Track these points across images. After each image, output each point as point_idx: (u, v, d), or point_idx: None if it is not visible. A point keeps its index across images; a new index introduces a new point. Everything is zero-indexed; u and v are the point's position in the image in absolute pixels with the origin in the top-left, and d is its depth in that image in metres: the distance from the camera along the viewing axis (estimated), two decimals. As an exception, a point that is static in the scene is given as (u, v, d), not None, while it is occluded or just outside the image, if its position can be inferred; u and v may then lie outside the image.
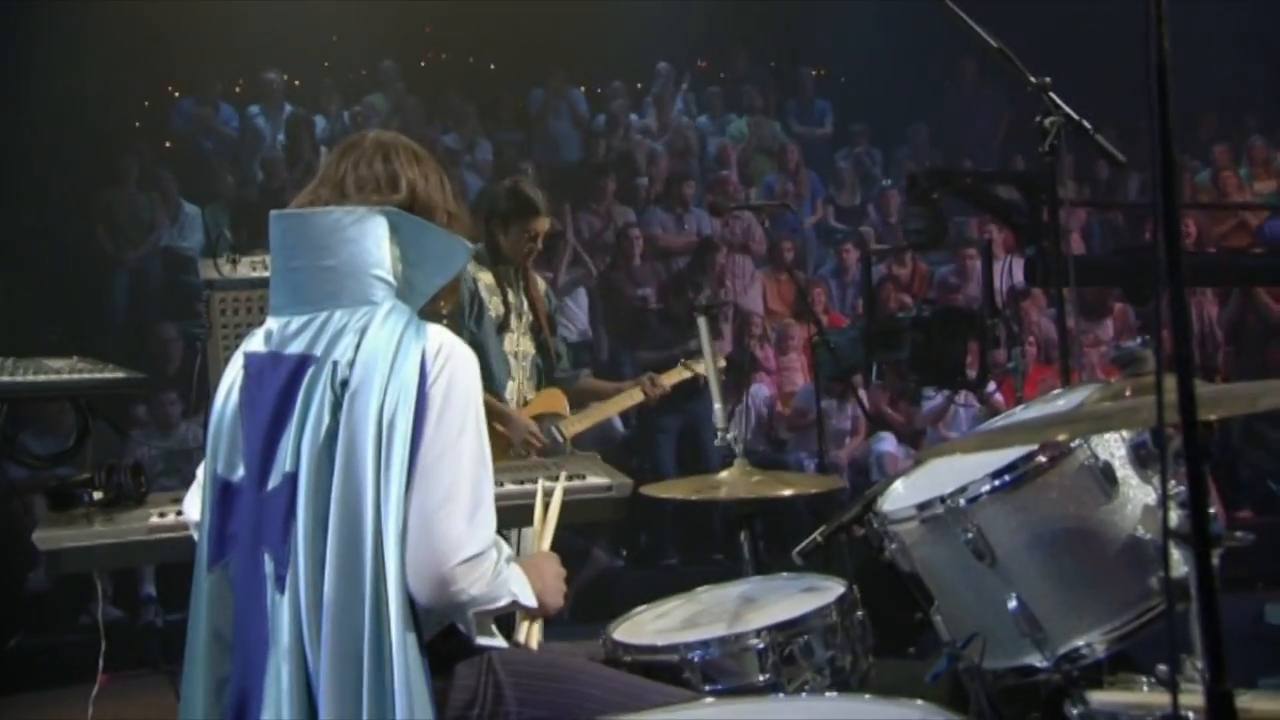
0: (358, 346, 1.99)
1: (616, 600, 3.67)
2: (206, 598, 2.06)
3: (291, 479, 1.97)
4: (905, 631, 3.24)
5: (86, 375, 2.96)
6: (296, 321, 2.06)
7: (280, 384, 2.03)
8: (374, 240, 2.06)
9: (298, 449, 1.97)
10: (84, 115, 8.37)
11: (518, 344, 4.35)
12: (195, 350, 3.17)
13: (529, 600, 2.09)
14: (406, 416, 1.93)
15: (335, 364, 1.99)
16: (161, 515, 2.78)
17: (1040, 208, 3.43)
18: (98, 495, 2.83)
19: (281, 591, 1.96)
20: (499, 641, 2.12)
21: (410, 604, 1.93)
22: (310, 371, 2.00)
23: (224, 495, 2.07)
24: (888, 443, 7.34)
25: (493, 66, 10.32)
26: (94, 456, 3.18)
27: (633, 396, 4.57)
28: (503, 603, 2.03)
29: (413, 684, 1.89)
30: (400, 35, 9.67)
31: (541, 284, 4.53)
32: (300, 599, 1.93)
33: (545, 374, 4.45)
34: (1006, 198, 3.82)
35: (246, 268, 3.08)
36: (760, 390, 7.51)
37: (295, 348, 2.05)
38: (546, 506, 2.50)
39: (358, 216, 2.07)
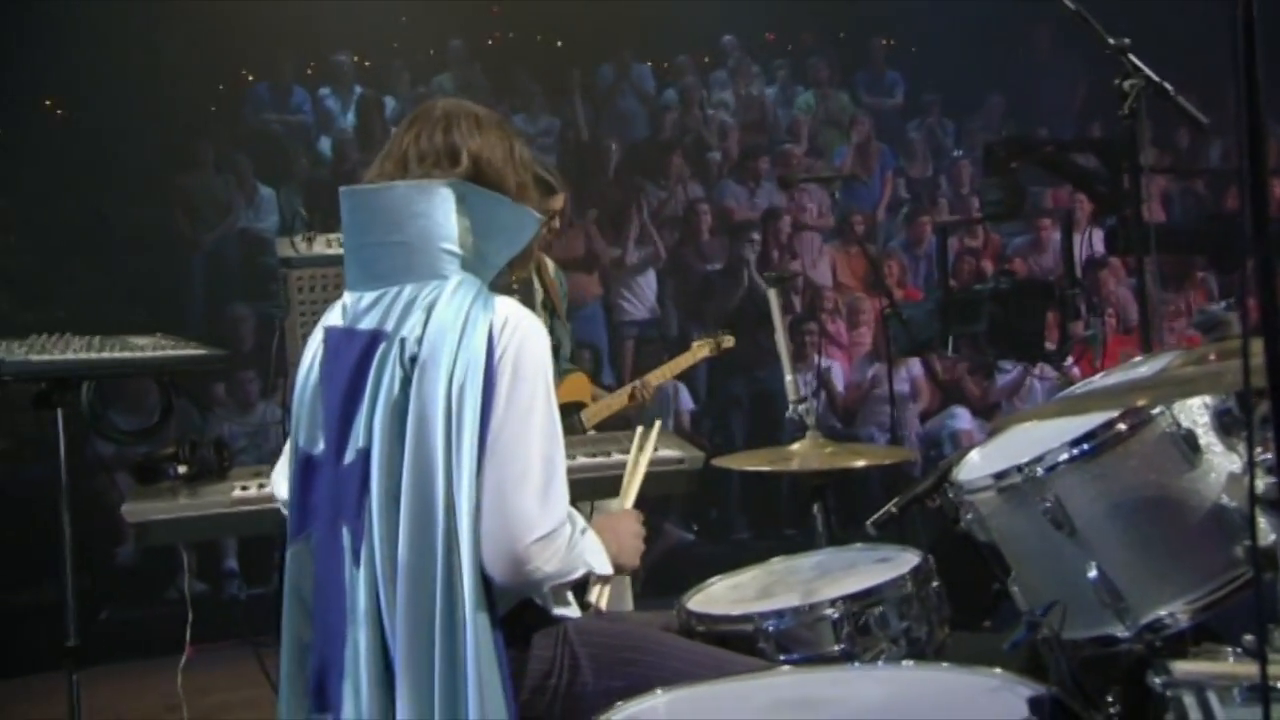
0: (426, 321, 2.00)
1: (689, 575, 3.68)
2: (291, 568, 2.10)
3: (365, 454, 2.00)
4: (982, 604, 3.22)
5: (170, 352, 3.02)
6: (369, 297, 2.09)
7: (354, 359, 2.06)
8: (442, 213, 2.06)
9: (370, 424, 2.00)
10: (160, 101, 8.50)
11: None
12: (271, 330, 3.21)
13: (604, 568, 2.11)
14: (475, 390, 1.94)
15: (404, 340, 2.00)
16: (244, 488, 2.84)
17: (1120, 175, 3.37)
18: (182, 469, 2.90)
19: (357, 565, 1.99)
20: (574, 611, 2.14)
21: (484, 578, 1.95)
22: (381, 347, 2.02)
23: (306, 468, 2.10)
24: (962, 419, 7.28)
25: (560, 44, 10.32)
26: (177, 433, 3.26)
27: (620, 401, 4.41)
28: (578, 574, 2.05)
29: (482, 658, 1.90)
30: (468, 15, 9.71)
31: (551, 265, 4.37)
32: (376, 572, 1.96)
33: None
34: (1085, 166, 3.75)
35: (322, 245, 3.12)
36: (831, 364, 7.47)
37: (367, 323, 2.07)
38: (641, 449, 2.51)
39: (424, 190, 2.07)
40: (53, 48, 8.07)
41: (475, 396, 1.94)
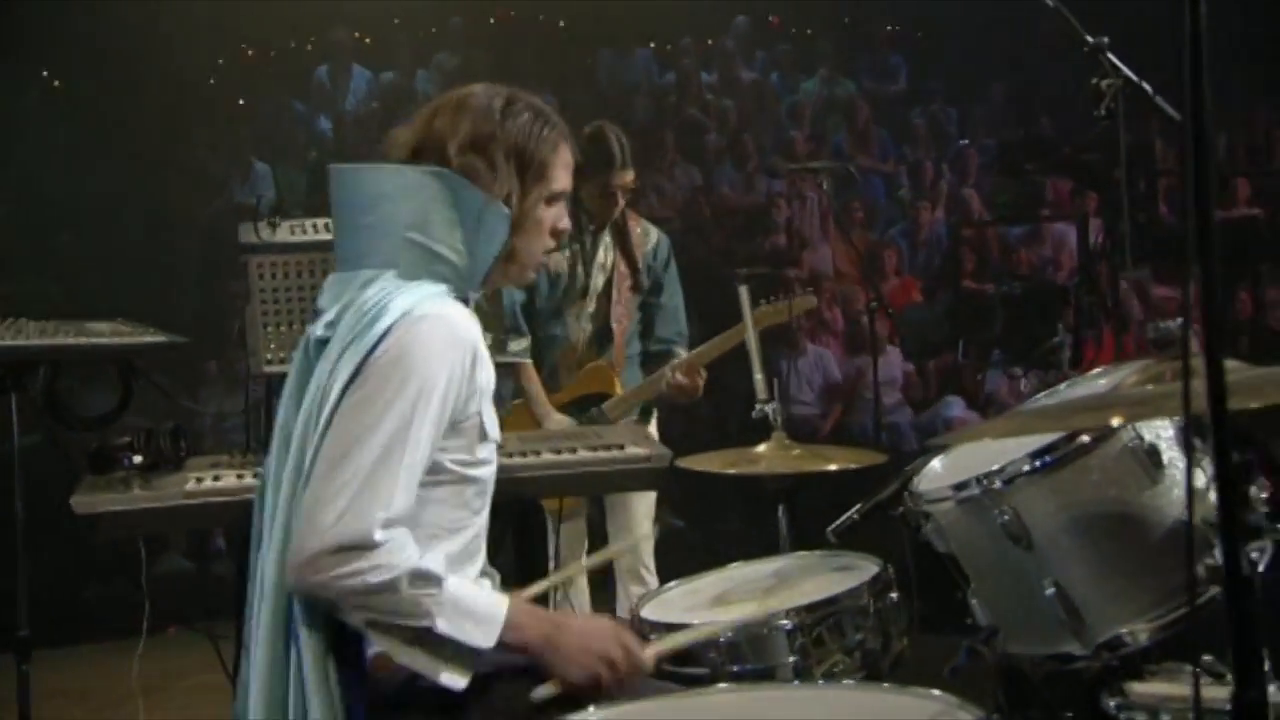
0: (342, 304, 1.92)
1: (677, 560, 3.63)
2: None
3: (278, 432, 1.96)
4: (959, 606, 3.17)
5: (127, 339, 2.97)
6: (336, 277, 2.02)
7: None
8: (416, 200, 1.94)
9: (285, 406, 1.95)
10: (157, 75, 8.44)
11: (579, 321, 3.98)
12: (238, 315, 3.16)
13: (478, 640, 1.83)
14: (341, 381, 1.84)
15: (323, 320, 1.93)
16: (199, 480, 2.78)
17: (1137, 178, 3.28)
18: (138, 459, 2.84)
19: (259, 548, 1.93)
20: (457, 682, 1.85)
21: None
22: (310, 329, 1.96)
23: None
24: (956, 407, 7.22)
25: (562, 24, 10.23)
26: (157, 419, 3.21)
27: (651, 390, 3.96)
28: (405, 620, 1.81)
29: (310, 669, 1.81)
30: (470, -8, 9.64)
31: (653, 235, 4.06)
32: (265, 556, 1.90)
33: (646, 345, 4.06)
34: (1097, 168, 3.67)
35: (285, 232, 3.06)
36: (824, 354, 7.41)
37: (323, 301, 2.00)
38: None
39: (399, 174, 1.97)
40: (49, 20, 8.01)
41: (339, 388, 1.83)
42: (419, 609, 1.81)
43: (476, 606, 1.85)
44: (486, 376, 1.98)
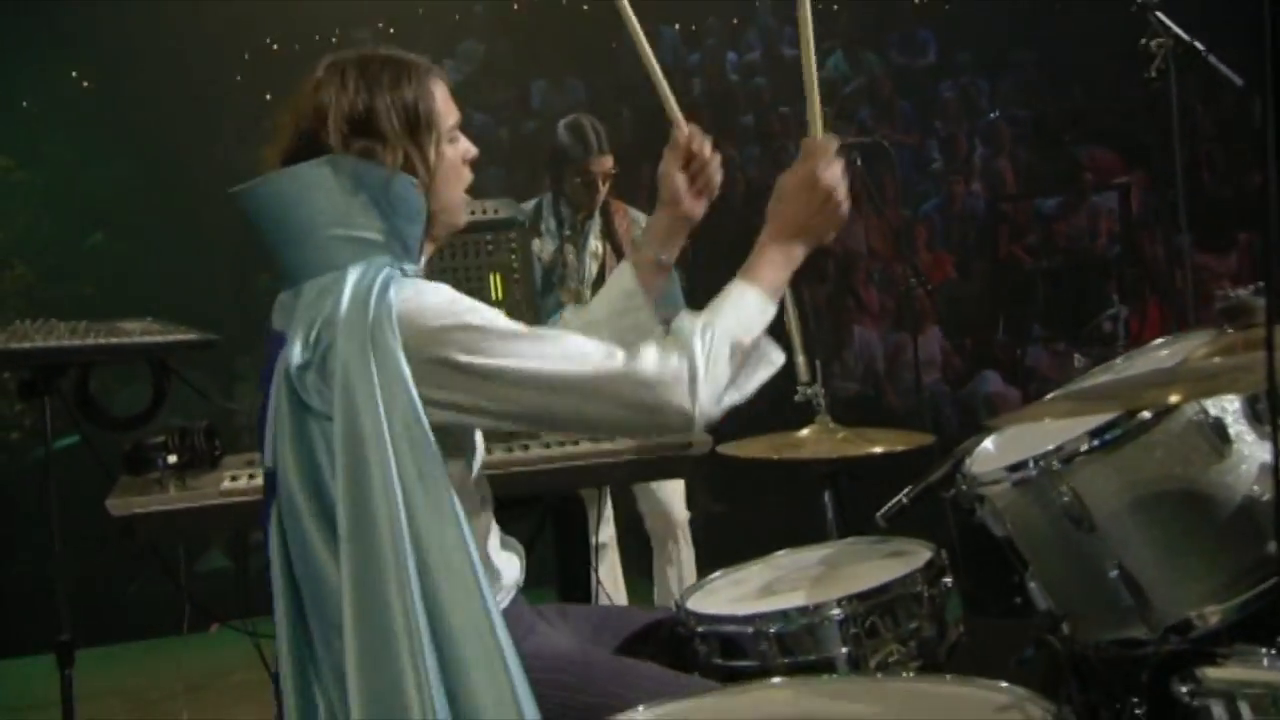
0: (309, 323, 1.81)
1: (721, 548, 3.58)
2: None
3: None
4: (1009, 588, 3.10)
5: (159, 337, 2.94)
6: (284, 295, 1.93)
7: (270, 363, 1.89)
8: (322, 197, 1.84)
9: (273, 438, 1.86)
10: (184, 71, 8.45)
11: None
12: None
13: (769, 314, 1.91)
14: (404, 383, 1.77)
15: (296, 346, 1.81)
16: (234, 479, 2.75)
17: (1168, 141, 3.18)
18: (172, 459, 2.81)
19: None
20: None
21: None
22: (280, 353, 1.85)
23: None
24: (993, 382, 7.10)
25: (585, 7, 10.14)
26: (191, 417, 3.17)
27: None
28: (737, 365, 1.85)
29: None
30: (494, -22, 9.59)
31: (641, 220, 4.08)
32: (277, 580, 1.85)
33: None
34: (1137, 138, 3.56)
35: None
36: (864, 333, 7.32)
37: (279, 322, 1.91)
38: None
39: (294, 177, 1.86)
40: (79, 21, 8.02)
41: (406, 389, 1.75)
42: (734, 346, 1.84)
43: (729, 308, 1.89)
44: None
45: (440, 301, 1.83)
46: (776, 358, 1.93)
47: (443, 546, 1.76)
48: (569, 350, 1.81)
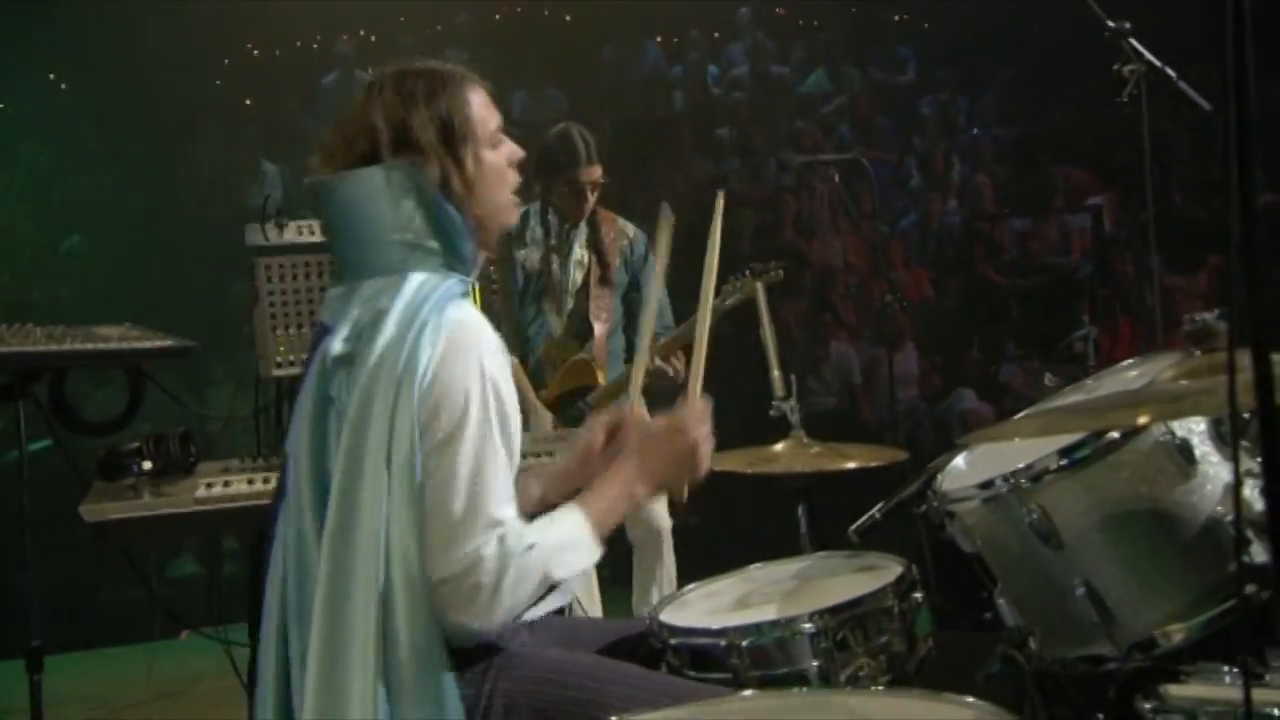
0: (362, 320, 1.88)
1: (695, 561, 3.59)
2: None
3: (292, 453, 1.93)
4: (978, 603, 3.13)
5: (135, 344, 2.93)
6: (339, 290, 1.98)
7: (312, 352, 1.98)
8: (386, 202, 1.90)
9: (298, 422, 1.91)
10: (163, 75, 8.42)
11: (560, 317, 4.04)
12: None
13: (585, 561, 1.91)
14: (409, 409, 1.81)
15: (338, 338, 1.89)
16: (209, 486, 2.74)
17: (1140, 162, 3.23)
18: (147, 465, 2.80)
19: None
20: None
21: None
22: (323, 343, 1.92)
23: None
24: (967, 399, 7.14)
25: (568, 18, 10.18)
26: (166, 423, 3.16)
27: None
28: (534, 598, 1.86)
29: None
30: (475, -12, 9.61)
31: (630, 232, 4.09)
32: (287, 569, 1.87)
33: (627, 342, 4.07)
34: (1114, 158, 3.62)
35: (293, 233, 3.01)
36: (840, 348, 7.34)
37: (328, 315, 1.97)
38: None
39: (357, 181, 1.92)
40: (55, 21, 7.98)
41: (409, 417, 1.80)
42: (530, 581, 1.83)
43: (558, 537, 1.89)
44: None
45: (470, 371, 1.84)
46: (569, 592, 2.00)
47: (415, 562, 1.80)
48: (500, 493, 1.83)
